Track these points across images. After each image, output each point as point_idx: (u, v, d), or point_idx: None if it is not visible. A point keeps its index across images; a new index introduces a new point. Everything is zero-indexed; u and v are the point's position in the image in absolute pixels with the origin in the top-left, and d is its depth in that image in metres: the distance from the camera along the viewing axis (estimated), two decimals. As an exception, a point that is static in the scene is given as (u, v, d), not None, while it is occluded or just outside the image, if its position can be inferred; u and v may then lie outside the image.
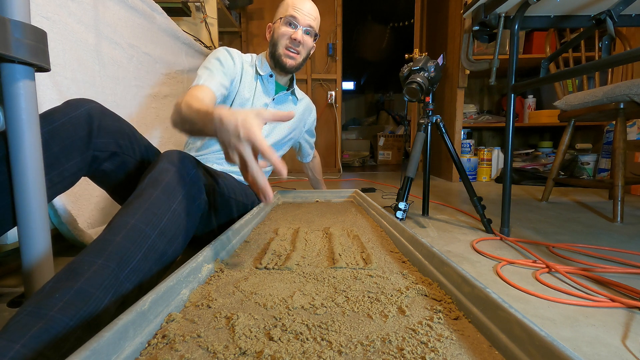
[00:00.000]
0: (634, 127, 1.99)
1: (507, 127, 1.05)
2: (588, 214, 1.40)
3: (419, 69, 1.21)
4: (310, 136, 1.33)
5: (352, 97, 6.13)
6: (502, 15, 1.07)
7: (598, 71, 1.30)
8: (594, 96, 1.41)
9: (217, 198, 0.78)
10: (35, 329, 0.35)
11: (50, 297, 0.38)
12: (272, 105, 1.07)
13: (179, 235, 0.55)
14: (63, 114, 0.58)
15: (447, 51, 2.60)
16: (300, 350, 0.33)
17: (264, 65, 1.04)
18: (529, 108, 2.71)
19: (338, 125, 3.20)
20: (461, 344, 0.34)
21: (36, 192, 0.49)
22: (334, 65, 3.12)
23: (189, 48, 1.60)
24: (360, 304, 0.43)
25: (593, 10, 1.10)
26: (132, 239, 0.46)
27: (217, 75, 0.92)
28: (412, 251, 0.60)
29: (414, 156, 1.17)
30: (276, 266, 0.57)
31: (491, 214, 1.35)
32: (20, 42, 0.45)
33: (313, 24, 1.00)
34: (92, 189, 0.94)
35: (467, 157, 2.56)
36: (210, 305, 0.43)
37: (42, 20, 0.79)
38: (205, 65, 0.94)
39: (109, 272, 0.42)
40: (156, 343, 0.35)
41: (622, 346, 0.50)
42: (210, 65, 0.93)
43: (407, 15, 4.16)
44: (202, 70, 0.92)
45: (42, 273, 0.51)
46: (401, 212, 1.11)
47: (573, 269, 0.76)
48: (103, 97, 1.01)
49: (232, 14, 2.68)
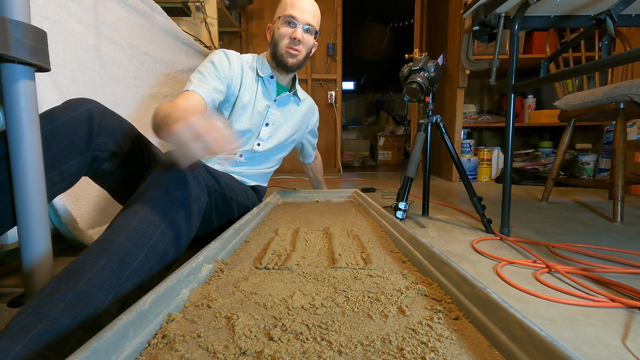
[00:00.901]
0: (634, 127, 1.99)
1: (507, 127, 1.05)
2: (588, 214, 1.40)
3: (419, 69, 1.21)
4: (313, 137, 1.33)
5: (352, 97, 6.12)
6: (502, 15, 1.07)
7: (598, 71, 1.30)
8: (594, 96, 1.41)
9: (218, 198, 0.78)
10: (36, 330, 0.35)
11: (52, 298, 0.38)
12: (274, 107, 1.06)
13: (180, 235, 0.55)
14: (63, 113, 0.58)
15: (447, 51, 2.60)
16: (300, 350, 0.33)
17: (265, 66, 1.03)
18: (529, 108, 2.71)
19: (338, 125, 3.20)
20: (461, 344, 0.34)
21: (36, 192, 0.50)
22: (334, 65, 3.12)
23: (189, 48, 1.60)
24: (360, 304, 0.43)
25: (593, 10, 1.10)
26: (134, 240, 0.46)
27: (209, 80, 0.89)
28: (412, 251, 0.60)
29: (414, 156, 1.17)
30: (276, 266, 0.57)
31: (491, 214, 1.35)
32: (20, 42, 0.45)
33: (312, 21, 0.98)
34: (92, 189, 0.94)
35: (467, 157, 2.56)
36: (210, 305, 0.43)
37: (42, 20, 0.79)
38: (199, 69, 0.92)
39: (110, 273, 0.42)
40: (156, 343, 0.35)
41: (622, 346, 0.50)
42: (204, 70, 0.91)
43: (407, 15, 4.16)
44: (194, 75, 0.90)
45: (42, 273, 0.51)
46: (401, 212, 1.11)
47: (573, 269, 0.76)
48: (103, 97, 1.01)
49: (232, 14, 2.68)
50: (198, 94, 0.84)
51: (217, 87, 0.90)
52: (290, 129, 1.12)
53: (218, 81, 0.91)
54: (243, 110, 0.99)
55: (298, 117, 1.14)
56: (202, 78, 0.89)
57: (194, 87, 0.85)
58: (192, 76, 0.90)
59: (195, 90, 0.84)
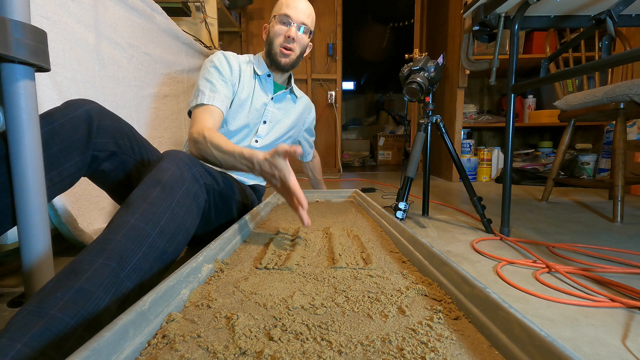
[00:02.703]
0: (634, 127, 1.99)
1: (507, 127, 1.05)
2: (588, 214, 1.40)
3: (419, 69, 1.21)
4: (310, 135, 1.33)
5: (352, 97, 6.12)
6: (502, 15, 1.07)
7: (598, 71, 1.30)
8: (594, 96, 1.41)
9: (217, 198, 0.78)
10: (36, 328, 0.35)
11: (52, 296, 0.38)
12: (272, 104, 1.07)
13: (179, 234, 0.55)
14: (63, 114, 0.58)
15: (447, 51, 2.60)
16: (300, 350, 0.33)
17: (262, 65, 1.05)
18: (529, 108, 2.71)
19: (338, 125, 3.19)
20: (461, 344, 0.34)
21: (36, 192, 0.50)
22: (334, 65, 3.12)
23: (189, 48, 1.60)
24: (360, 304, 0.43)
25: (593, 10, 1.10)
26: (132, 238, 0.47)
27: (219, 88, 0.93)
28: (412, 251, 0.60)
29: (414, 156, 1.17)
30: (276, 266, 0.57)
31: (491, 214, 1.35)
32: (20, 42, 0.45)
33: (307, 21, 1.01)
34: (92, 189, 0.94)
35: (467, 157, 2.56)
36: (210, 305, 0.43)
37: (42, 20, 0.79)
38: (205, 75, 0.94)
39: (109, 271, 0.42)
40: (156, 343, 0.35)
41: (622, 346, 0.50)
42: (210, 77, 0.93)
43: (407, 15, 4.16)
44: (203, 83, 0.92)
45: (42, 273, 0.51)
46: (401, 212, 1.11)
47: (573, 269, 0.76)
48: (103, 97, 1.01)
49: (232, 14, 2.68)
50: (216, 107, 0.90)
51: (227, 94, 0.95)
52: (287, 125, 1.13)
53: (226, 87, 0.95)
54: (240, 107, 1.01)
55: (295, 114, 1.15)
56: (212, 87, 0.92)
57: (208, 100, 0.90)
58: (201, 85, 0.92)
59: (211, 104, 0.90)
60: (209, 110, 0.89)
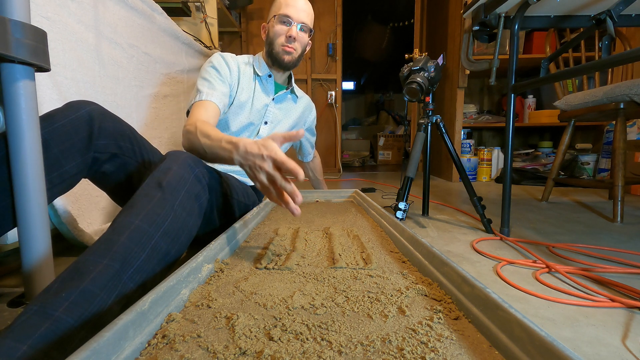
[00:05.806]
0: (634, 127, 1.99)
1: (507, 127, 1.05)
2: (588, 214, 1.40)
3: (419, 69, 1.21)
4: (311, 135, 1.34)
5: (352, 97, 6.12)
6: (502, 15, 1.07)
7: (598, 71, 1.30)
8: (594, 96, 1.40)
9: (219, 198, 0.78)
10: (41, 329, 0.35)
11: (56, 297, 0.38)
12: (273, 105, 1.07)
13: (181, 235, 0.55)
14: (63, 115, 0.58)
15: (447, 51, 2.60)
16: (300, 350, 0.33)
17: (262, 65, 1.05)
18: (529, 108, 2.71)
19: (338, 125, 3.19)
20: (461, 344, 0.34)
21: (36, 193, 0.50)
22: (334, 65, 3.12)
23: (189, 48, 1.60)
24: (360, 304, 0.43)
25: (593, 10, 1.10)
26: (136, 240, 0.47)
27: (217, 86, 0.93)
28: (412, 251, 0.60)
29: (414, 156, 1.17)
30: (276, 266, 0.57)
31: (491, 214, 1.35)
32: (20, 42, 0.45)
33: (307, 20, 1.01)
34: (92, 189, 0.94)
35: (467, 157, 2.56)
36: (210, 305, 0.43)
37: (42, 20, 0.79)
38: (203, 75, 0.94)
39: (113, 273, 0.42)
40: (156, 343, 0.35)
41: (622, 346, 0.50)
42: (208, 76, 0.94)
43: (407, 15, 4.16)
44: (201, 82, 0.93)
45: (42, 273, 0.51)
46: (401, 212, 1.11)
47: (573, 269, 0.76)
48: (103, 97, 1.01)
49: (232, 14, 2.68)
50: (213, 102, 0.89)
51: (225, 92, 0.95)
52: (289, 125, 1.13)
53: (224, 85, 0.95)
54: (240, 109, 1.01)
55: (296, 114, 1.16)
56: (210, 85, 0.92)
57: (206, 96, 0.89)
58: (199, 84, 0.93)
59: (208, 99, 0.89)
60: (204, 105, 0.88)
